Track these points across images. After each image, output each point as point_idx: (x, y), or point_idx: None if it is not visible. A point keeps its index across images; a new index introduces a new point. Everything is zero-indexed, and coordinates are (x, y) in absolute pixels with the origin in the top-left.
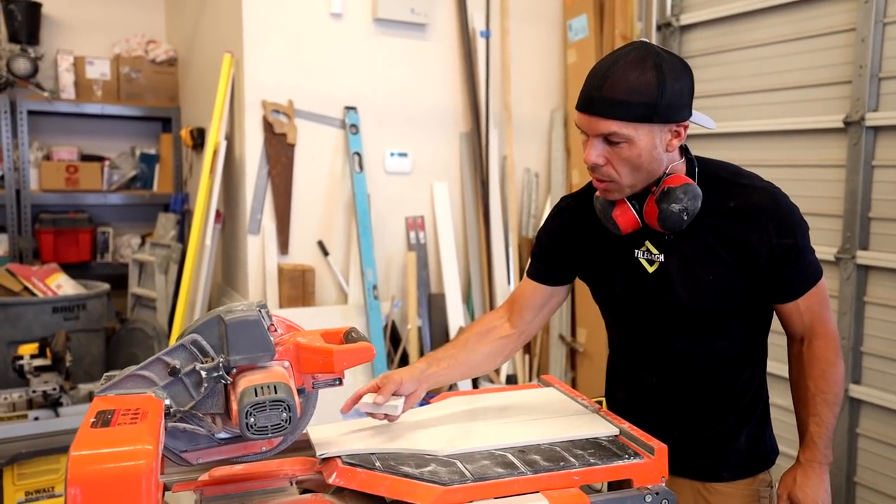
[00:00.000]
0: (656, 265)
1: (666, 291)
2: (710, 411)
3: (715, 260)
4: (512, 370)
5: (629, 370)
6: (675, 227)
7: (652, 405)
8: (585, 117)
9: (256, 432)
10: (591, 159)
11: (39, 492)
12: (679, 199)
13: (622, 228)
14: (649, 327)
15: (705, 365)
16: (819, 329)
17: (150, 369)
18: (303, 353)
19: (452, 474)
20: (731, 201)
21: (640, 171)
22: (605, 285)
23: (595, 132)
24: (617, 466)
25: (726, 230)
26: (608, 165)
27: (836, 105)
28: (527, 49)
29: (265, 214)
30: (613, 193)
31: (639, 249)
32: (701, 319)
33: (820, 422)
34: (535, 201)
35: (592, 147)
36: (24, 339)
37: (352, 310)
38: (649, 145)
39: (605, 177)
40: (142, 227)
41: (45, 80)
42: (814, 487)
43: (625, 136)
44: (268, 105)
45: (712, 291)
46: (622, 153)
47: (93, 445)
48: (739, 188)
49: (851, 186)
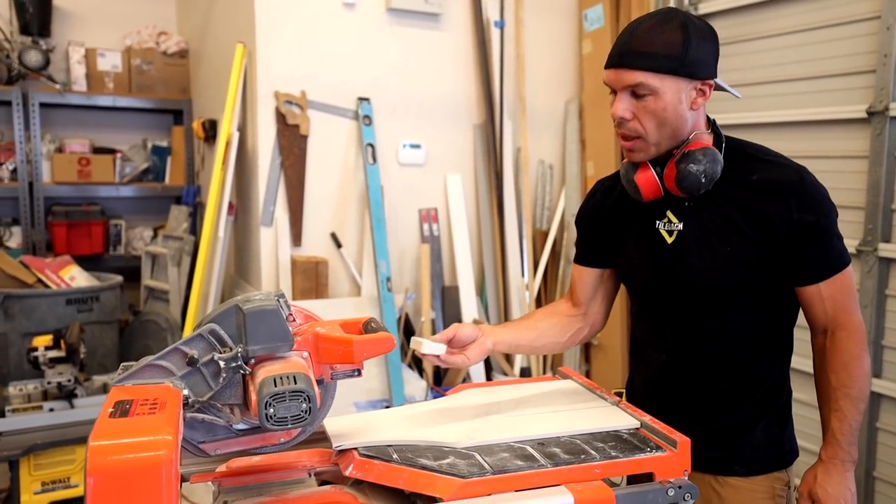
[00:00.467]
0: (675, 235)
1: (681, 262)
2: (723, 399)
3: (734, 231)
4: (526, 363)
5: (644, 348)
6: (692, 188)
7: (665, 389)
8: (613, 71)
9: (276, 423)
10: (619, 113)
11: (55, 482)
12: (698, 160)
13: (643, 193)
14: (664, 301)
15: (719, 346)
16: (842, 319)
17: (167, 359)
18: (322, 344)
19: (471, 467)
20: (755, 175)
21: (666, 127)
22: (626, 258)
23: (622, 85)
24: (639, 459)
25: (746, 201)
26: (635, 120)
27: (860, 95)
28: (541, 39)
29: (278, 206)
30: (639, 153)
31: (660, 221)
32: (715, 294)
33: (842, 417)
34: (549, 193)
35: (619, 101)
36: (39, 331)
37: (365, 302)
38: (674, 100)
39: (631, 132)
40: (154, 219)
41: (57, 73)
42: (836, 485)
43: (651, 88)
44: (280, 96)
45: (728, 263)
46: (648, 106)
47: (112, 435)
48: (765, 163)
49: (874, 178)
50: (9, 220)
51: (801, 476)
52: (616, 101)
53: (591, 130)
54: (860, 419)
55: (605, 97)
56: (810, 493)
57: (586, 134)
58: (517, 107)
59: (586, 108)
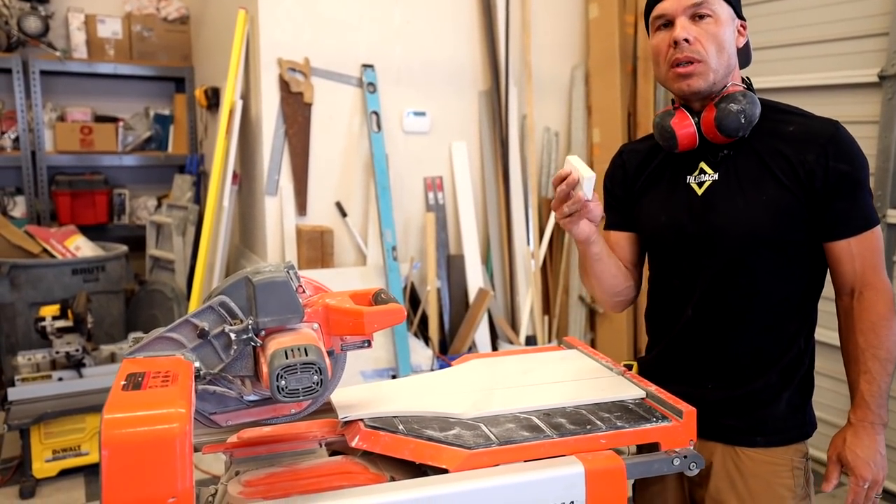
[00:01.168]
0: (707, 185)
1: (712, 212)
2: (747, 363)
3: (770, 180)
4: (531, 331)
5: (668, 306)
6: (731, 129)
7: (687, 349)
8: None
9: (287, 395)
10: (682, 34)
11: (66, 450)
12: (738, 100)
13: (680, 140)
14: (691, 254)
15: (747, 304)
16: (871, 278)
17: (178, 331)
18: (332, 315)
19: (477, 437)
20: (791, 126)
21: (723, 54)
22: (652, 214)
23: (683, 7)
24: (644, 430)
25: (783, 150)
26: (696, 43)
27: (871, 58)
28: (547, 4)
29: (283, 175)
30: (698, 78)
31: (691, 175)
32: (747, 244)
33: (871, 379)
34: (554, 161)
35: (680, 26)
36: (45, 301)
37: (371, 271)
38: (729, 28)
39: (693, 54)
40: (157, 188)
41: (57, 40)
42: (865, 448)
43: (711, 10)
44: (284, 63)
45: (763, 212)
46: (709, 28)
47: (126, 408)
48: (801, 116)
49: (885, 143)
50: (12, 189)
51: (830, 441)
52: (676, 27)
53: (597, 97)
54: (889, 381)
55: (612, 62)
56: (839, 457)
57: (592, 100)
58: (523, 73)
59: (592, 74)
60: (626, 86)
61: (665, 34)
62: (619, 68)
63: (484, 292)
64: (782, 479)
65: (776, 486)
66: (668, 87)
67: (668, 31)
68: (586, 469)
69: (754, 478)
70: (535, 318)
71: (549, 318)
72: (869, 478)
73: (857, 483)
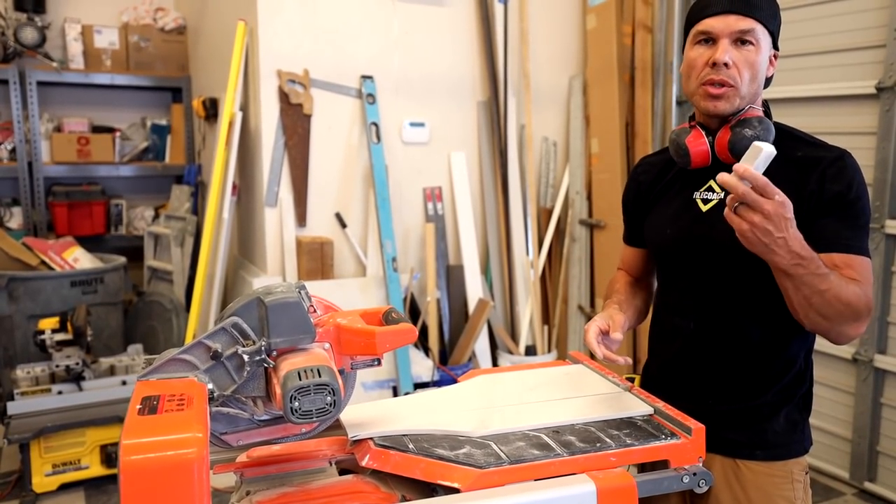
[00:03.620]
0: (712, 203)
1: (715, 230)
2: (747, 380)
3: None
4: (531, 341)
5: (670, 318)
6: (744, 153)
7: (689, 363)
8: (722, 18)
9: (301, 416)
10: (723, 58)
11: (66, 464)
12: (753, 126)
13: (693, 157)
14: (694, 269)
15: (748, 321)
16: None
17: (191, 353)
18: (343, 335)
19: (488, 456)
20: (800, 152)
21: (755, 82)
22: (658, 228)
23: (731, 30)
24: (654, 447)
25: (789, 175)
26: (734, 68)
27: (869, 70)
28: (545, 15)
29: (282, 186)
30: (725, 102)
31: (698, 191)
32: (746, 264)
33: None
34: (553, 171)
35: (723, 48)
36: (44, 314)
37: (371, 282)
38: (765, 58)
39: (729, 78)
40: (155, 198)
41: (53, 50)
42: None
43: (756, 38)
44: (283, 75)
45: None
46: (749, 56)
47: (143, 433)
48: (811, 144)
49: (882, 154)
50: (9, 200)
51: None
52: (718, 48)
53: (595, 107)
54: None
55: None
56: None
57: (590, 110)
58: (521, 83)
59: (590, 84)
60: (624, 96)
61: (705, 50)
62: (616, 78)
63: (483, 302)
64: (782, 490)
65: (776, 497)
66: (693, 101)
67: (708, 48)
68: (598, 488)
69: (755, 489)
70: (535, 327)
71: (549, 327)
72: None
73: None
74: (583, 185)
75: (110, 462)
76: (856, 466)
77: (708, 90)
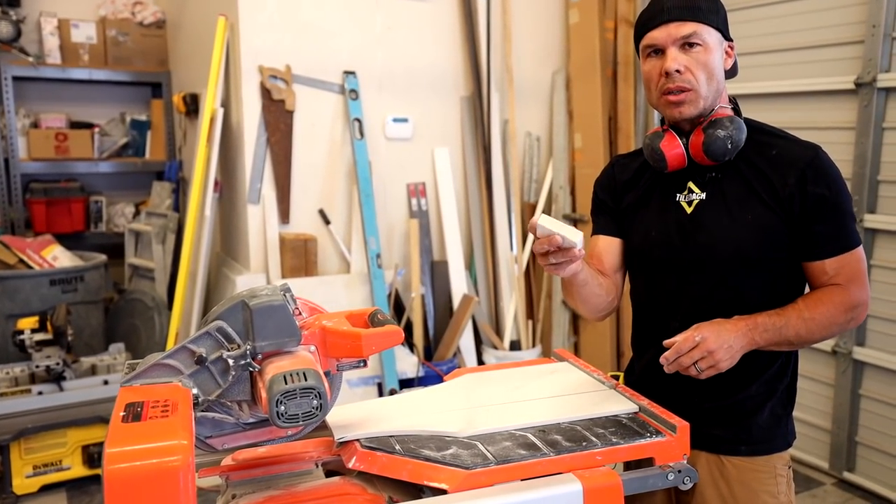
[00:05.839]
0: (695, 204)
1: (701, 230)
2: (732, 376)
3: (755, 200)
4: (516, 336)
5: (653, 319)
6: (718, 154)
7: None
8: (664, 27)
9: (287, 420)
10: (673, 65)
11: (47, 465)
12: (725, 126)
13: (669, 161)
14: (679, 271)
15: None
16: (853, 287)
17: (175, 358)
18: (329, 338)
19: (475, 457)
20: (775, 149)
21: (713, 80)
22: (642, 231)
23: (673, 38)
24: (639, 445)
25: (766, 172)
26: (687, 72)
27: (848, 66)
28: (528, 9)
29: (265, 183)
30: (688, 106)
31: (680, 193)
32: (733, 262)
33: (778, 321)
34: (536, 166)
35: (671, 56)
36: (23, 313)
37: (355, 279)
38: (718, 54)
39: (684, 83)
40: (135, 195)
41: (29, 45)
42: (728, 331)
43: (702, 39)
44: (265, 70)
45: (748, 232)
46: (699, 57)
47: (127, 441)
48: (784, 140)
49: (861, 149)
50: None
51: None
52: (667, 57)
53: (578, 102)
54: (787, 339)
55: (593, 68)
56: (699, 327)
57: (573, 105)
58: (504, 78)
59: (573, 79)
60: (607, 91)
61: (656, 62)
62: (599, 73)
63: (468, 298)
64: (766, 485)
65: (760, 492)
66: (659, 111)
67: (658, 59)
68: (584, 487)
69: (739, 484)
70: (520, 322)
71: (533, 322)
72: (709, 341)
73: (692, 333)
74: (566, 180)
75: (92, 462)
76: (835, 457)
77: (668, 99)
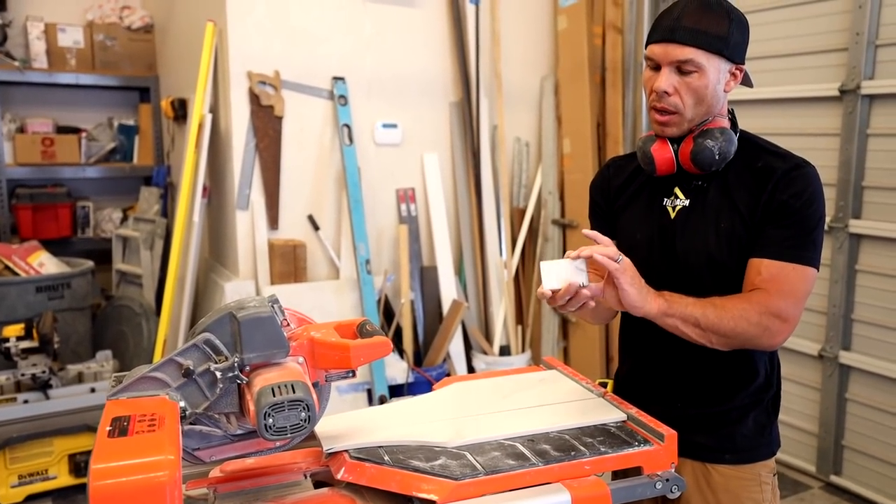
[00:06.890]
0: (678, 210)
1: (679, 236)
2: (716, 384)
3: (733, 212)
4: (505, 341)
5: (637, 325)
6: (705, 164)
7: (656, 368)
8: (662, 46)
9: (275, 433)
10: (663, 87)
11: (33, 475)
12: (715, 137)
13: (658, 165)
14: (658, 275)
15: None
16: (776, 301)
17: (162, 371)
18: (318, 349)
19: (464, 468)
20: (761, 162)
21: (702, 105)
22: (628, 232)
23: (670, 60)
24: (627, 454)
25: (748, 184)
26: (675, 95)
27: (832, 73)
28: (517, 15)
29: (254, 189)
30: (672, 128)
31: (667, 198)
32: (709, 272)
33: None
34: (526, 171)
35: (664, 76)
36: (8, 320)
37: (345, 285)
38: (715, 79)
39: (670, 106)
40: (123, 200)
41: (15, 49)
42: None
43: (698, 65)
44: (254, 76)
45: (722, 242)
46: (692, 83)
47: (113, 457)
48: (773, 154)
49: (846, 155)
50: None
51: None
52: (661, 76)
53: (566, 107)
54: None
55: (581, 73)
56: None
57: (562, 111)
58: (493, 84)
59: (562, 85)
60: (595, 96)
61: (652, 75)
62: (587, 79)
63: (458, 304)
64: (751, 493)
65: (745, 500)
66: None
67: (655, 74)
68: (573, 497)
69: (724, 492)
70: (509, 327)
71: (523, 327)
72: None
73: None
74: (555, 185)
75: (79, 471)
76: (822, 460)
77: (655, 116)
